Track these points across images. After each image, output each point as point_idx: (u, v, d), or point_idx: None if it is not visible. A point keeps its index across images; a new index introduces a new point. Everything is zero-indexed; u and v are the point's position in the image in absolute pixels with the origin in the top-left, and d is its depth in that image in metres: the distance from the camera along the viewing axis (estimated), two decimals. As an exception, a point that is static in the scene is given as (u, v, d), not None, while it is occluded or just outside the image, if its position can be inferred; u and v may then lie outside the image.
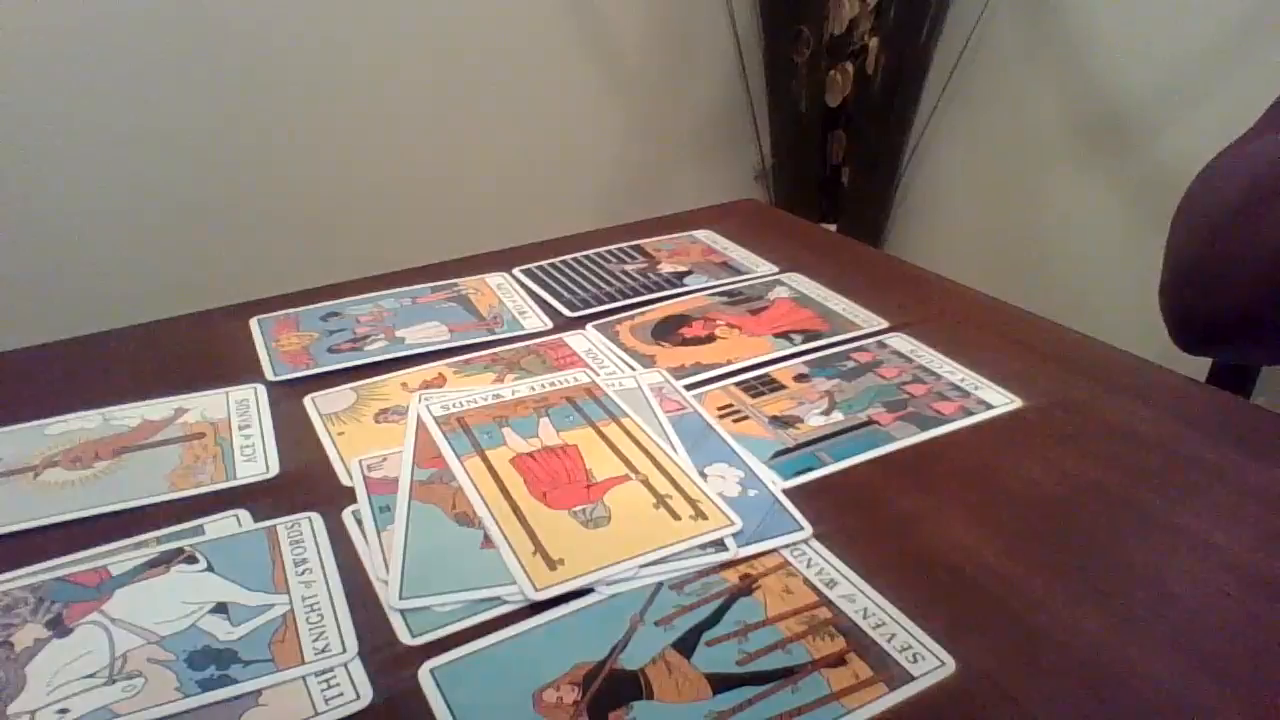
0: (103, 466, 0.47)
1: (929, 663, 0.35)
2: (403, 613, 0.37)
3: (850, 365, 0.56)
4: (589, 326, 0.61)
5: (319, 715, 0.33)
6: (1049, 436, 0.49)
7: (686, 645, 0.36)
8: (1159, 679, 0.34)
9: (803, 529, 0.42)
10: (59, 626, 0.37)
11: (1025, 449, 0.48)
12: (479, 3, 1.42)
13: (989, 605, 0.38)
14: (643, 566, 0.39)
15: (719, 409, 0.52)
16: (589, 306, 0.64)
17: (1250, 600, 0.38)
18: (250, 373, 0.56)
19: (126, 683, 0.34)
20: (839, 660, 0.35)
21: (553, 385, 0.53)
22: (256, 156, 1.33)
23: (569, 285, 0.67)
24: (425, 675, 0.35)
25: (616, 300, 0.65)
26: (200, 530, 0.42)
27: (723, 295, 0.65)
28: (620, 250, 0.73)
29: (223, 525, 0.43)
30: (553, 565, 0.39)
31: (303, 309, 0.64)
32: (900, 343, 0.59)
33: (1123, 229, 1.41)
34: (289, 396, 0.53)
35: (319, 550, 0.41)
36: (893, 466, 0.47)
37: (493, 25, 1.44)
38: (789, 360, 0.57)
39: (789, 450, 0.48)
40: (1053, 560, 0.40)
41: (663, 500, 0.43)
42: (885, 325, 0.61)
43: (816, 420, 0.51)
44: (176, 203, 1.29)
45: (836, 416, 0.51)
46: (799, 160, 1.70)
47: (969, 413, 0.51)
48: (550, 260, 0.71)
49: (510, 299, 0.65)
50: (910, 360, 0.57)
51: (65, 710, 0.33)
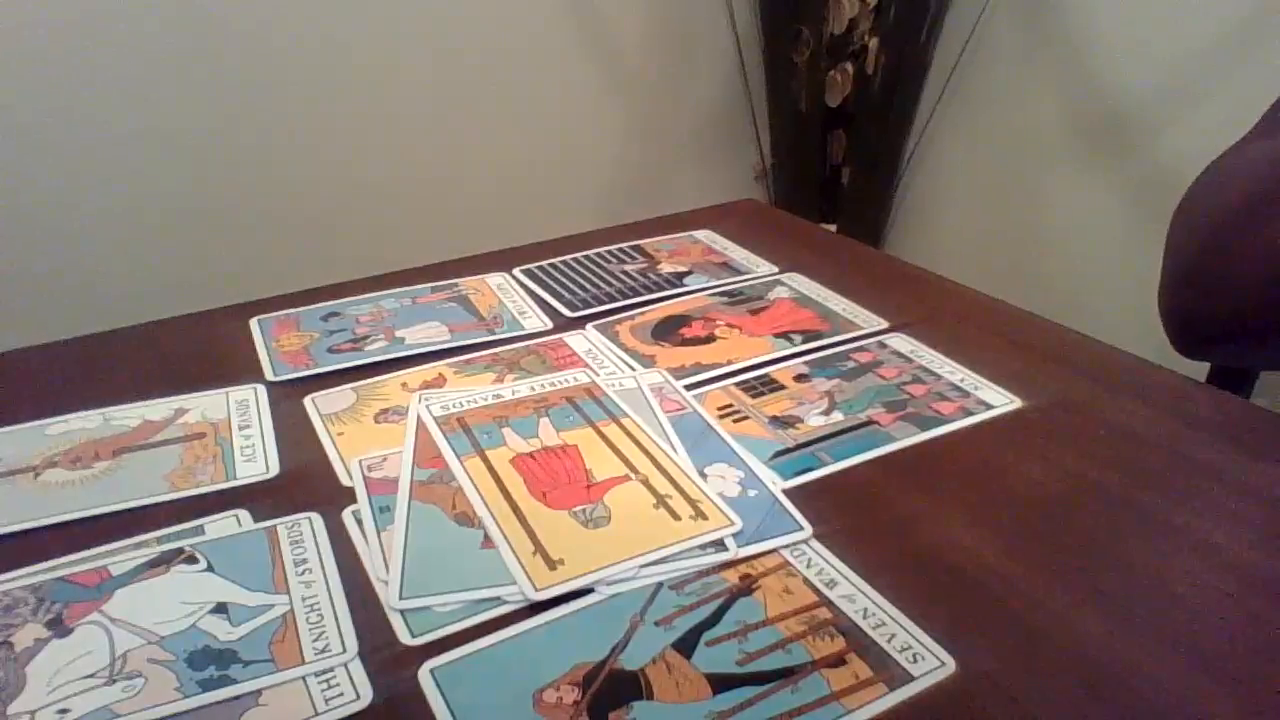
0: (103, 466, 0.47)
1: (929, 663, 0.35)
2: (403, 613, 0.37)
3: (850, 365, 0.56)
4: (589, 326, 0.61)
5: (319, 715, 0.33)
6: (1049, 436, 0.49)
7: (686, 645, 0.36)
8: (1159, 679, 0.34)
9: (803, 529, 0.42)
10: (59, 626, 0.37)
11: (1025, 449, 0.48)
12: (479, 3, 1.42)
13: (989, 605, 0.38)
14: (643, 566, 0.39)
15: (719, 409, 0.52)
16: (589, 306, 0.64)
17: (1250, 600, 0.38)
18: (250, 373, 0.56)
19: (126, 683, 0.34)
20: (839, 660, 0.35)
21: (553, 385, 0.53)
22: (256, 156, 1.33)
23: (569, 285, 0.67)
24: (425, 675, 0.35)
25: (616, 300, 0.65)
26: (200, 530, 0.42)
27: (723, 295, 0.65)
28: (620, 250, 0.73)
29: (223, 525, 0.43)
30: (553, 565, 0.39)
31: (303, 309, 0.64)
32: (900, 343, 0.59)
33: (1123, 229, 1.41)
34: (289, 396, 0.53)
35: (319, 550, 0.41)
36: (893, 466, 0.47)
37: (493, 25, 1.44)
38: (789, 360, 0.57)
39: (789, 450, 0.48)
40: (1053, 560, 0.40)
41: (663, 500, 0.43)
42: (885, 325, 0.61)
43: (816, 420, 0.51)
44: (176, 203, 1.29)
45: (836, 417, 0.51)
46: (799, 160, 1.70)
47: (969, 413, 0.51)
48: (550, 260, 0.71)
49: (510, 299, 0.65)
50: (910, 360, 0.57)
51: (65, 710, 0.33)
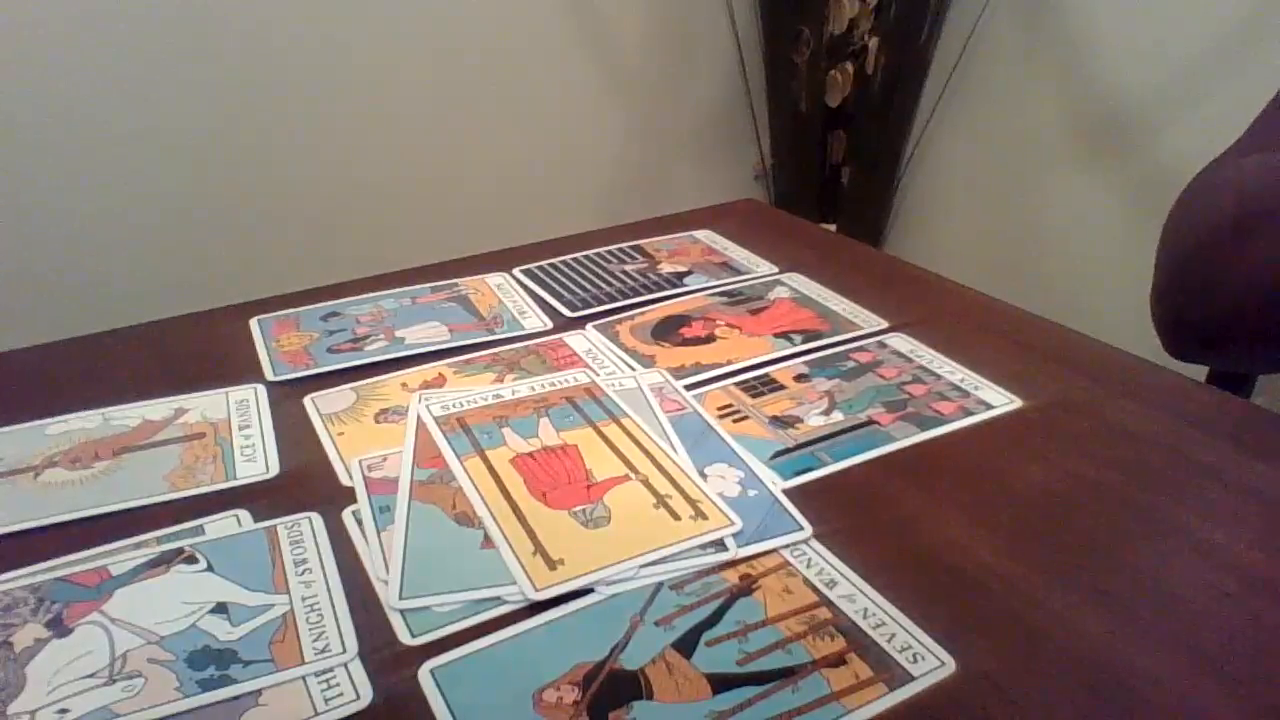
0: (103, 466, 0.47)
1: (929, 663, 0.35)
2: (403, 613, 0.37)
3: (850, 365, 0.56)
4: (589, 326, 0.61)
5: (319, 715, 0.33)
6: (1049, 436, 0.49)
7: (686, 645, 0.36)
8: (1159, 679, 0.34)
9: (803, 529, 0.42)
10: (59, 626, 0.37)
11: (1025, 449, 0.48)
12: (479, 3, 1.42)
13: (989, 605, 0.38)
14: (643, 566, 0.39)
15: (719, 409, 0.52)
16: (589, 306, 0.64)
17: (1250, 600, 0.38)
18: (250, 373, 0.56)
19: (126, 683, 0.34)
20: (839, 660, 0.35)
21: (553, 385, 0.53)
22: (256, 156, 1.33)
23: (569, 285, 0.67)
24: (425, 675, 0.35)
25: (616, 300, 0.65)
26: (200, 530, 0.42)
27: (723, 295, 0.65)
28: (620, 250, 0.73)
29: (223, 525, 0.43)
30: (553, 565, 0.39)
31: (303, 309, 0.64)
32: (900, 343, 0.59)
33: (1123, 229, 1.41)
34: (289, 396, 0.53)
35: (319, 550, 0.41)
36: (893, 466, 0.47)
37: (493, 25, 1.45)
38: (789, 360, 0.57)
39: (789, 450, 0.48)
40: (1053, 560, 0.40)
41: (663, 500, 0.43)
42: (885, 325, 0.61)
43: (816, 420, 0.51)
44: (177, 203, 1.29)
45: (836, 416, 0.51)
46: (799, 160, 1.70)
47: (969, 413, 0.51)
48: (550, 260, 0.71)
49: (510, 299, 0.65)
50: (910, 360, 0.57)
51: (65, 710, 0.33)
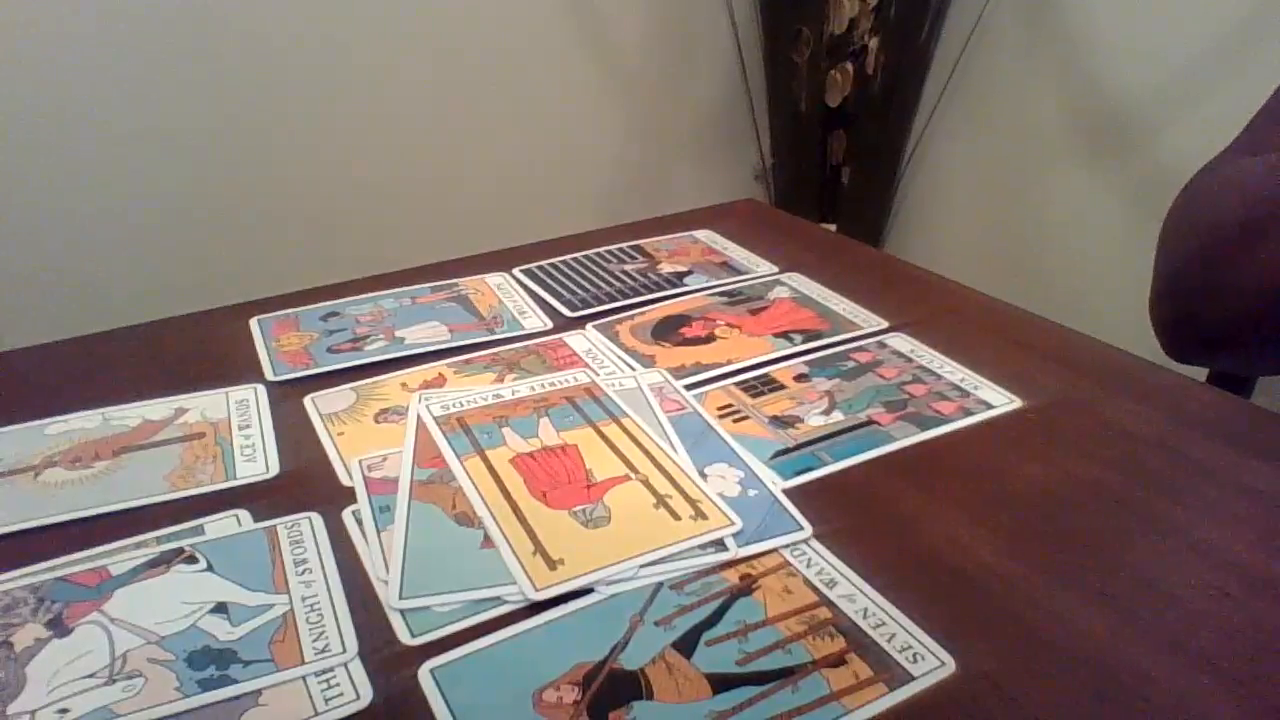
0: (103, 466, 0.47)
1: (929, 663, 0.35)
2: (403, 613, 0.37)
3: (850, 365, 0.56)
4: (589, 326, 0.61)
5: (319, 715, 0.33)
6: (1049, 436, 0.49)
7: (686, 645, 0.36)
8: (1159, 679, 0.34)
9: (803, 529, 0.42)
10: (59, 626, 0.37)
11: (1025, 449, 0.48)
12: (479, 3, 1.42)
13: (989, 605, 0.38)
14: (643, 566, 0.39)
15: (719, 409, 0.52)
16: (589, 306, 0.64)
17: (1250, 600, 0.38)
18: (250, 373, 0.56)
19: (126, 683, 0.34)
20: (839, 660, 0.35)
21: (553, 385, 0.53)
22: (256, 156, 1.33)
23: (569, 285, 0.67)
24: (425, 675, 0.35)
25: (616, 300, 0.65)
26: (200, 530, 0.42)
27: (723, 295, 0.65)
28: (620, 250, 0.73)
29: (223, 525, 0.43)
30: (553, 565, 0.39)
31: (303, 309, 0.64)
32: (900, 343, 0.59)
33: (1123, 229, 1.41)
34: (289, 396, 0.53)
35: (319, 550, 0.41)
36: (893, 466, 0.47)
37: (493, 25, 1.44)
38: (789, 360, 0.57)
39: (789, 450, 0.48)
40: (1053, 560, 0.40)
41: (663, 500, 0.43)
42: (885, 325, 0.61)
43: (816, 420, 0.51)
44: (177, 202, 1.29)
45: (836, 416, 0.51)
46: (799, 160, 1.70)
47: (969, 413, 0.51)
48: (550, 260, 0.71)
49: (510, 299, 0.65)
50: (910, 360, 0.57)
51: (65, 710, 0.33)
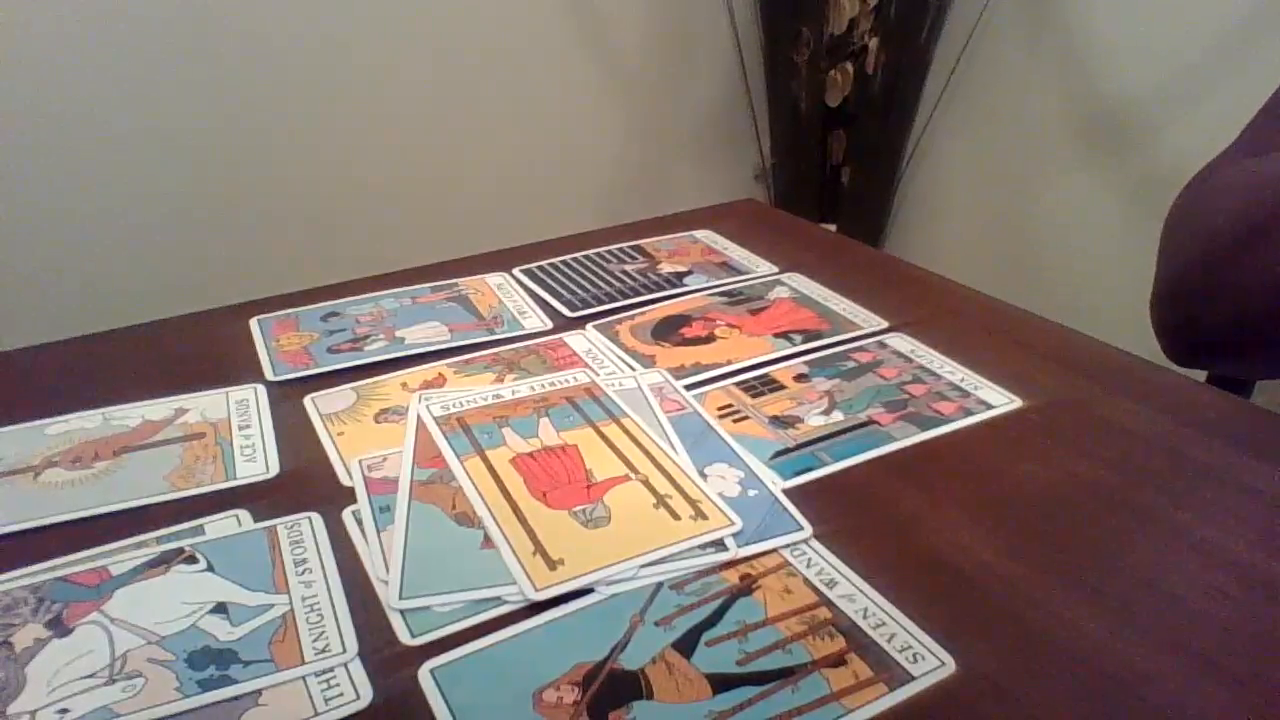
0: (103, 466, 0.47)
1: (929, 663, 0.35)
2: (403, 613, 0.37)
3: (850, 365, 0.56)
4: (589, 326, 0.61)
5: (319, 715, 0.33)
6: (1049, 436, 0.49)
7: (686, 645, 0.36)
8: (1159, 679, 0.34)
9: (803, 529, 0.42)
10: (59, 626, 0.37)
11: (1025, 449, 0.48)
12: (479, 3, 1.42)
13: (989, 605, 0.38)
14: (643, 566, 0.39)
15: (719, 409, 0.52)
16: (589, 306, 0.64)
17: (1250, 600, 0.38)
18: (250, 373, 0.56)
19: (126, 683, 0.34)
20: (839, 660, 0.35)
21: (553, 385, 0.53)
22: (256, 156, 1.33)
23: (569, 285, 0.67)
24: (425, 675, 0.35)
25: (616, 300, 0.65)
26: (200, 530, 0.42)
27: (723, 295, 0.65)
28: (620, 250, 0.73)
29: (223, 525, 0.43)
30: (553, 565, 0.39)
31: (303, 309, 0.64)
32: (900, 343, 0.59)
33: (1123, 229, 1.41)
34: (289, 396, 0.53)
35: (319, 550, 0.41)
36: (893, 466, 0.47)
37: (493, 25, 1.45)
38: (789, 360, 0.57)
39: (789, 450, 0.48)
40: (1053, 560, 0.40)
41: (663, 500, 0.43)
42: (885, 325, 0.61)
43: (816, 420, 0.51)
44: (176, 202, 1.29)
45: (836, 416, 0.51)
46: (799, 160, 1.70)
47: (969, 413, 0.51)
48: (550, 260, 0.71)
49: (510, 299, 0.65)
50: (910, 360, 0.57)
51: (65, 710, 0.33)
